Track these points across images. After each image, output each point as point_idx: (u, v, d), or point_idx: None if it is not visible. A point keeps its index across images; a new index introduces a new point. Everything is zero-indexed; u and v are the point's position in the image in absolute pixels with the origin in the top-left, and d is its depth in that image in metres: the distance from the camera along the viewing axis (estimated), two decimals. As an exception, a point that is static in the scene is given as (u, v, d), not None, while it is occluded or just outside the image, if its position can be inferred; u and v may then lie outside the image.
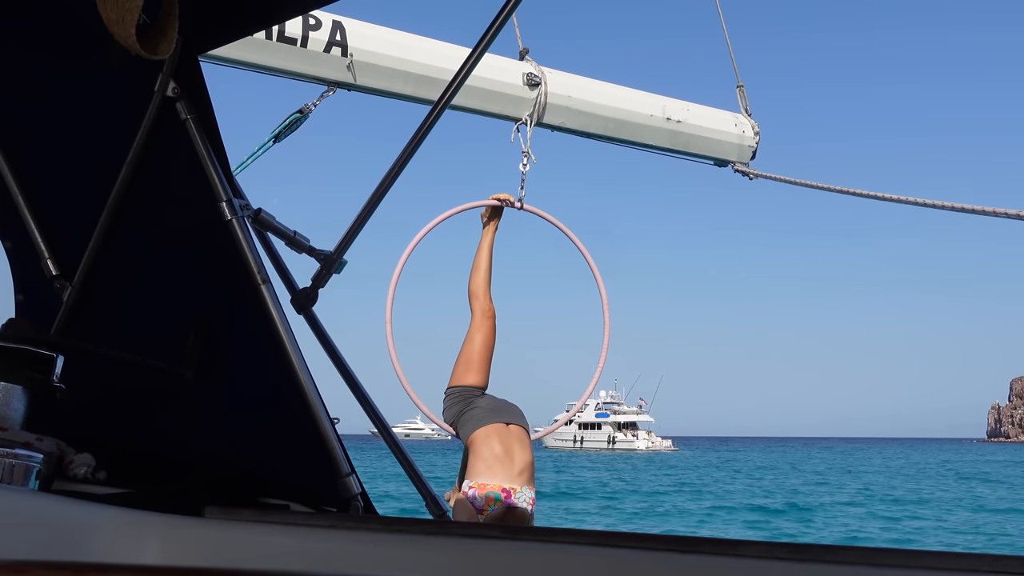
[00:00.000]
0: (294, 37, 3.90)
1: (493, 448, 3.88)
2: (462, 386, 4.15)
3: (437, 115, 2.03)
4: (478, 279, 4.32)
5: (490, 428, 3.94)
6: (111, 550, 1.44)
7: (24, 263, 2.24)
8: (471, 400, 4.11)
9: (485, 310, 4.26)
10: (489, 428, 3.94)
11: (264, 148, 4.14)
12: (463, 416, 4.06)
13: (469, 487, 3.79)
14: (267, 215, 2.03)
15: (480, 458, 3.87)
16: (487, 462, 3.84)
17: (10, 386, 1.75)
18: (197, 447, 2.09)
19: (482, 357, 4.21)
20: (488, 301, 4.28)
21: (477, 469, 3.85)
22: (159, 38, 1.57)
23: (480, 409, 4.05)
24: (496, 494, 3.77)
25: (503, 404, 4.18)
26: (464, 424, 4.03)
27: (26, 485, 1.67)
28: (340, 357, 2.18)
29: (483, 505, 3.74)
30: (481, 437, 3.92)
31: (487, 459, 3.85)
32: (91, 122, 2.00)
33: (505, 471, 3.83)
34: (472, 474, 3.86)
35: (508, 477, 3.83)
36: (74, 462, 1.88)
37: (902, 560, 1.10)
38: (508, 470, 3.84)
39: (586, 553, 1.28)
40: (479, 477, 3.81)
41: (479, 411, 4.05)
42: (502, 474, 3.82)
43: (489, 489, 3.77)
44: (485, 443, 3.90)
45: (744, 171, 5.23)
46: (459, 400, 4.12)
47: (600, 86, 4.95)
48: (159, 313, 2.08)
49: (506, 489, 3.79)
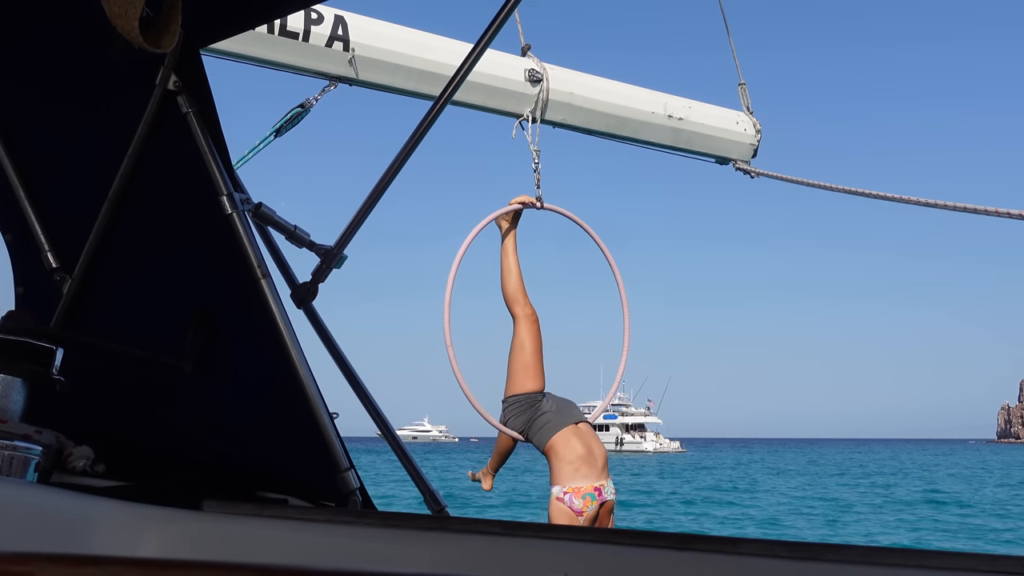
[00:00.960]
0: (296, 31, 3.90)
1: (576, 450, 4.07)
2: (524, 393, 4.23)
3: (439, 111, 2.03)
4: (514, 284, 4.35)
5: (567, 431, 4.11)
6: (109, 542, 1.44)
7: (24, 255, 2.24)
8: (536, 406, 4.20)
9: (529, 314, 4.31)
10: (566, 432, 4.11)
11: (265, 142, 4.14)
12: (534, 423, 4.16)
13: (564, 492, 3.99)
14: (268, 209, 2.03)
15: (566, 461, 4.04)
16: (574, 464, 4.03)
17: (10, 378, 1.75)
18: (196, 441, 2.09)
19: (537, 361, 4.30)
20: (529, 304, 4.34)
21: (565, 473, 4.03)
22: (162, 31, 1.57)
23: (549, 414, 4.16)
24: (591, 495, 4.00)
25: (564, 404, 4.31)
26: (537, 431, 4.15)
27: (25, 477, 1.67)
28: (340, 352, 2.18)
29: (582, 507, 3.97)
30: (561, 441, 4.09)
31: (573, 461, 4.03)
32: (92, 115, 2.00)
33: (591, 469, 4.05)
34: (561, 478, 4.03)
35: (595, 474, 4.06)
36: (73, 455, 1.88)
37: (901, 559, 1.10)
38: (593, 468, 4.06)
39: (585, 550, 1.28)
40: (570, 481, 4.01)
41: (549, 415, 4.17)
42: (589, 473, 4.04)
43: (584, 491, 3.99)
44: (567, 446, 4.07)
45: (746, 169, 5.23)
46: (525, 408, 4.19)
47: (602, 83, 4.94)
48: (159, 306, 2.08)
49: (596, 487, 4.03)
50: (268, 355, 1.84)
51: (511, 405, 4.21)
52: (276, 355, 1.82)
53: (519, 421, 4.18)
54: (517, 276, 4.37)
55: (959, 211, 3.61)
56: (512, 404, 4.21)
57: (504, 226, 4.45)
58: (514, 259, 4.41)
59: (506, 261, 4.40)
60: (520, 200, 4.44)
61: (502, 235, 4.46)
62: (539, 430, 4.14)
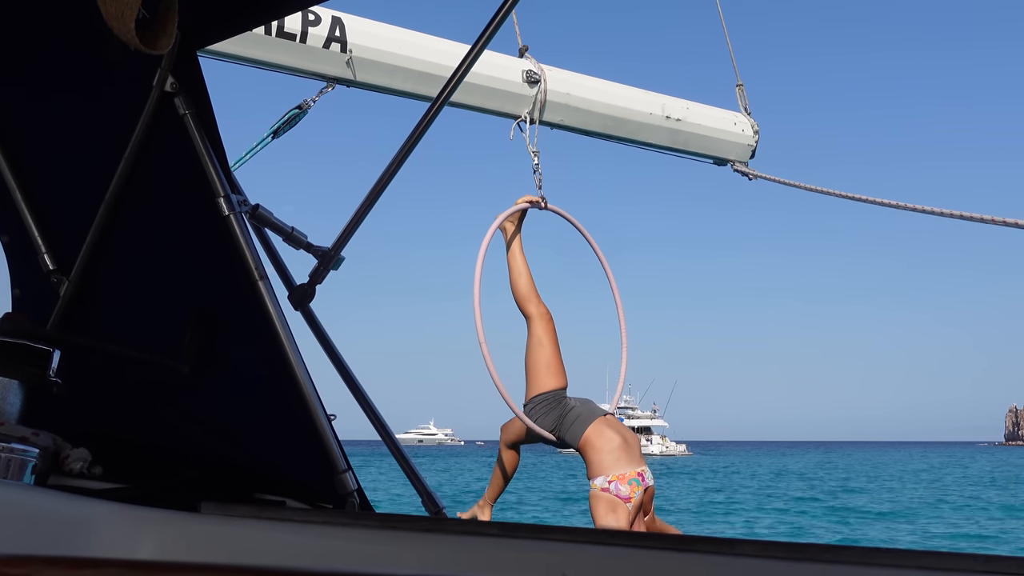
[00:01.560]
0: (293, 33, 3.90)
1: (613, 439, 4.08)
2: (550, 391, 4.22)
3: (436, 112, 2.03)
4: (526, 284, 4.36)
5: (599, 423, 4.11)
6: (107, 545, 1.44)
7: (21, 257, 2.23)
8: (563, 403, 4.20)
9: (544, 312, 4.32)
10: (598, 424, 4.11)
11: (263, 144, 4.14)
12: (564, 419, 4.15)
13: (608, 481, 3.98)
14: (265, 211, 2.03)
15: (604, 452, 4.03)
16: (614, 454, 4.03)
17: (6, 380, 1.75)
18: (193, 442, 2.08)
19: (558, 358, 4.30)
20: (542, 303, 4.35)
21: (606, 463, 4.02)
22: (158, 33, 1.57)
23: (579, 408, 4.17)
24: (635, 480, 4.00)
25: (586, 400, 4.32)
26: (569, 427, 4.13)
27: (22, 480, 1.67)
28: (337, 353, 2.18)
29: (629, 493, 3.96)
30: (596, 434, 4.08)
31: (613, 451, 4.03)
32: (89, 116, 2.00)
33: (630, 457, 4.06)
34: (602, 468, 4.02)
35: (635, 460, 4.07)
36: (70, 457, 1.88)
37: (898, 560, 1.10)
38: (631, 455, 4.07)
39: (582, 551, 1.28)
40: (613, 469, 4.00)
41: (579, 410, 4.17)
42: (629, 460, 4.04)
43: (629, 477, 3.99)
44: (602, 438, 4.07)
45: (743, 171, 5.23)
46: (553, 406, 4.18)
47: (600, 84, 4.95)
48: (156, 308, 2.07)
49: (639, 472, 4.03)
50: (265, 357, 1.84)
51: (537, 404, 4.19)
52: (273, 357, 1.82)
53: (548, 420, 4.16)
54: (528, 276, 4.37)
55: (956, 219, 3.61)
56: (539, 403, 4.19)
57: (509, 228, 4.46)
58: (523, 259, 4.41)
59: (515, 262, 4.40)
60: (527, 199, 4.46)
61: (507, 237, 4.47)
62: (571, 425, 4.13)
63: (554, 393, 4.21)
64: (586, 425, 4.11)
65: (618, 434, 4.13)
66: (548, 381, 4.23)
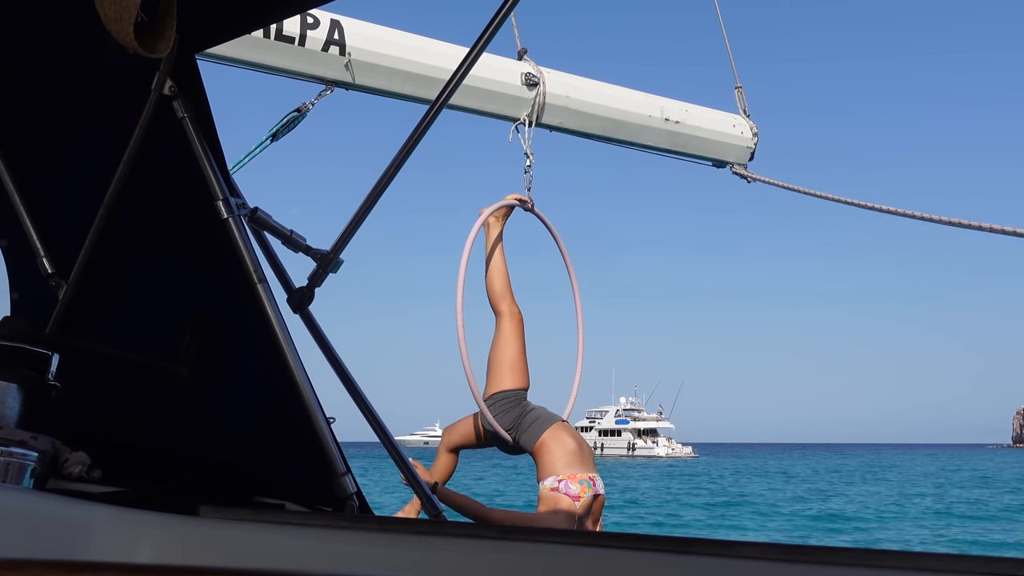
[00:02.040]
0: (292, 36, 3.90)
1: (569, 444, 4.07)
2: (511, 390, 4.21)
3: (435, 114, 2.03)
4: (502, 281, 4.36)
5: (556, 428, 4.11)
6: (106, 549, 1.44)
7: (20, 261, 2.24)
8: (523, 403, 4.20)
9: (516, 312, 4.33)
10: (555, 428, 4.11)
11: (261, 147, 4.14)
12: (523, 421, 4.15)
13: (559, 480, 3.97)
14: (263, 214, 2.03)
15: (559, 455, 4.03)
16: (567, 458, 4.02)
17: (5, 384, 1.75)
18: (192, 446, 2.08)
19: (523, 359, 4.30)
20: (515, 303, 4.35)
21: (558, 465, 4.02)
22: (157, 36, 1.57)
23: (537, 412, 4.17)
24: (587, 482, 4.00)
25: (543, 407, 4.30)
26: (526, 429, 4.13)
27: (21, 483, 1.67)
28: (336, 356, 2.18)
29: (579, 492, 3.95)
30: (552, 437, 4.08)
31: (567, 455, 4.03)
32: (87, 120, 2.00)
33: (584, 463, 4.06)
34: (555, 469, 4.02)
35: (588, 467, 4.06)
36: (69, 460, 1.88)
37: (897, 561, 1.10)
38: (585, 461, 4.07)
39: (580, 554, 1.27)
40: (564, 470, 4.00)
41: (538, 413, 4.17)
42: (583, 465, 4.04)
43: (580, 478, 3.99)
44: (558, 441, 4.07)
45: (742, 174, 5.23)
46: (513, 405, 4.18)
47: (599, 86, 4.95)
48: (155, 311, 2.07)
49: (591, 477, 4.02)
50: (264, 360, 1.84)
51: (498, 402, 4.17)
52: (272, 360, 1.82)
53: (507, 419, 4.15)
54: (506, 273, 4.37)
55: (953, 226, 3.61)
56: (499, 401, 4.18)
57: (493, 223, 4.45)
58: (502, 256, 4.42)
59: (495, 257, 4.40)
60: (516, 197, 4.46)
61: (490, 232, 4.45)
62: (529, 426, 4.12)
63: (515, 392, 4.20)
64: (544, 428, 4.10)
65: (574, 440, 4.13)
66: (510, 380, 4.21)
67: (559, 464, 4.00)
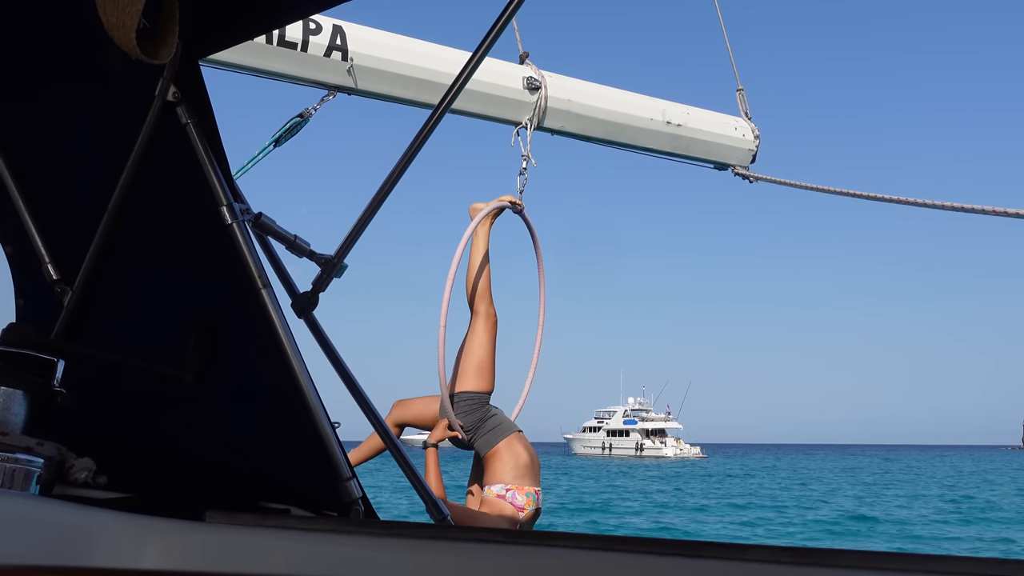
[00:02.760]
0: (295, 41, 3.91)
1: (522, 456, 4.16)
2: (476, 392, 4.24)
3: (437, 119, 2.03)
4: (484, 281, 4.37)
5: (513, 438, 4.19)
6: (112, 554, 1.44)
7: (25, 267, 2.24)
8: (486, 408, 4.24)
9: (493, 314, 4.36)
10: (512, 438, 4.19)
11: (264, 152, 4.15)
12: (483, 425, 4.19)
13: (506, 488, 4.06)
14: (267, 219, 2.03)
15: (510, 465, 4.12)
16: (519, 470, 4.12)
17: (11, 391, 1.75)
18: (197, 451, 2.09)
19: (492, 362, 4.33)
20: (492, 304, 4.34)
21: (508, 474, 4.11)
22: (160, 42, 1.57)
23: (498, 418, 4.23)
24: (532, 495, 4.11)
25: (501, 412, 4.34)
26: (485, 433, 4.18)
27: (27, 490, 1.67)
28: (341, 361, 2.17)
29: (524, 503, 4.06)
30: (506, 446, 4.16)
31: (519, 467, 4.12)
32: (91, 126, 2.01)
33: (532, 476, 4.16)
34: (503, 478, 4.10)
35: (535, 481, 4.17)
36: (75, 466, 1.88)
37: (904, 564, 1.10)
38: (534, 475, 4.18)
39: (588, 557, 1.27)
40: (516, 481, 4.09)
41: (499, 419, 4.23)
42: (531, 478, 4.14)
43: (527, 490, 4.10)
44: (511, 451, 4.15)
45: (744, 174, 5.24)
46: (477, 407, 4.22)
47: (600, 90, 4.96)
48: (160, 318, 2.08)
49: (536, 491, 4.14)
50: (269, 365, 1.84)
51: (464, 401, 4.21)
52: (277, 365, 1.82)
53: (469, 419, 4.20)
54: (488, 273, 4.38)
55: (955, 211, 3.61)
56: (465, 400, 4.21)
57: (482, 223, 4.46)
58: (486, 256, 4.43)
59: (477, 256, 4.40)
60: (509, 199, 4.47)
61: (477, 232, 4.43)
62: (488, 432, 4.18)
63: (480, 395, 4.24)
64: (501, 437, 4.17)
65: (527, 452, 4.21)
66: (477, 382, 4.25)
67: (509, 475, 4.09)
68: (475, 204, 4.48)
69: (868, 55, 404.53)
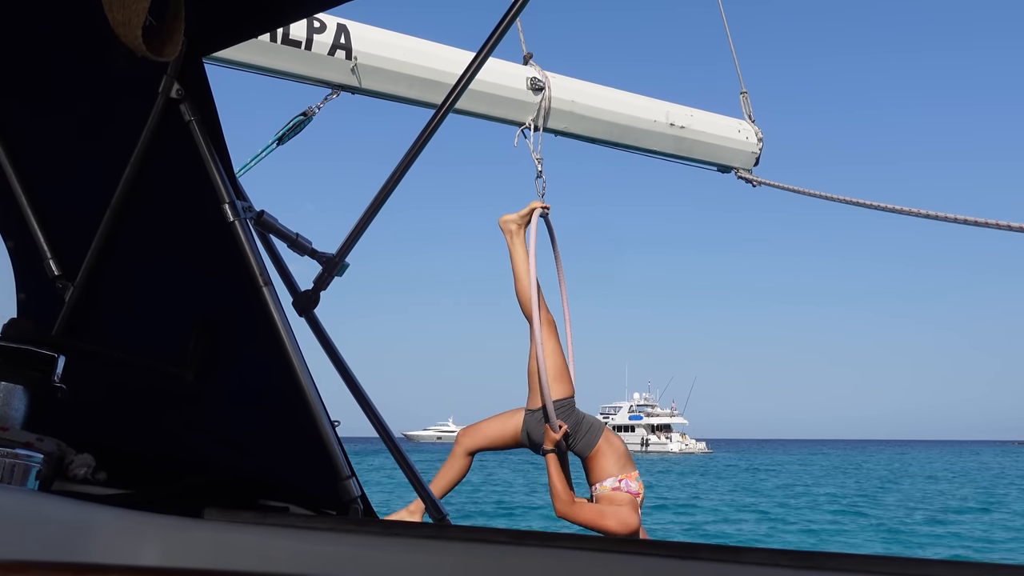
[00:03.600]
0: (299, 40, 3.91)
1: (619, 447, 4.45)
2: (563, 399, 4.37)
3: (441, 119, 2.03)
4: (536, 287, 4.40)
5: (607, 433, 4.46)
6: (110, 551, 1.44)
7: (26, 263, 2.24)
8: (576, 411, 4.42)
9: (549, 318, 4.45)
10: (607, 433, 4.46)
11: (267, 150, 4.15)
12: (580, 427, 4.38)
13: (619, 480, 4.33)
14: (270, 217, 2.04)
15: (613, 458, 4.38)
16: (621, 459, 4.40)
17: (11, 386, 1.75)
18: (197, 449, 2.09)
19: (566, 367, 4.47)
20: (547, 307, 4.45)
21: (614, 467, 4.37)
22: (165, 40, 1.57)
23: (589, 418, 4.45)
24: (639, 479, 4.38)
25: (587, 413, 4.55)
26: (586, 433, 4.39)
27: (26, 485, 1.67)
28: (341, 360, 2.18)
29: (637, 489, 4.33)
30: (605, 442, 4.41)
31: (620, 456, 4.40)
32: (95, 123, 2.01)
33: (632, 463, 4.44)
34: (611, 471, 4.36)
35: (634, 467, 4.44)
36: (74, 462, 1.88)
37: (902, 568, 1.10)
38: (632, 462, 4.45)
39: (587, 559, 1.27)
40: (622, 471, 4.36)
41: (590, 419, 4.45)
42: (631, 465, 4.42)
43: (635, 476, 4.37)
44: (610, 446, 4.42)
45: (747, 178, 5.23)
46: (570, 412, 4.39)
47: (604, 91, 4.96)
48: (161, 314, 2.08)
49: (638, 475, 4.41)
50: (270, 363, 1.84)
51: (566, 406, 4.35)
52: (278, 363, 1.82)
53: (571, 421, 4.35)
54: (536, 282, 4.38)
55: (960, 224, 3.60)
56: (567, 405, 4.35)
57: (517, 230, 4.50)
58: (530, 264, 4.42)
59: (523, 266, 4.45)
60: (541, 205, 4.53)
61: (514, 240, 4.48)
62: (586, 433, 4.36)
63: (568, 400, 4.37)
64: (599, 435, 4.37)
65: (620, 442, 4.47)
66: (562, 388, 4.35)
67: (615, 467, 4.34)
68: (506, 216, 4.50)
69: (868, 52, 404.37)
